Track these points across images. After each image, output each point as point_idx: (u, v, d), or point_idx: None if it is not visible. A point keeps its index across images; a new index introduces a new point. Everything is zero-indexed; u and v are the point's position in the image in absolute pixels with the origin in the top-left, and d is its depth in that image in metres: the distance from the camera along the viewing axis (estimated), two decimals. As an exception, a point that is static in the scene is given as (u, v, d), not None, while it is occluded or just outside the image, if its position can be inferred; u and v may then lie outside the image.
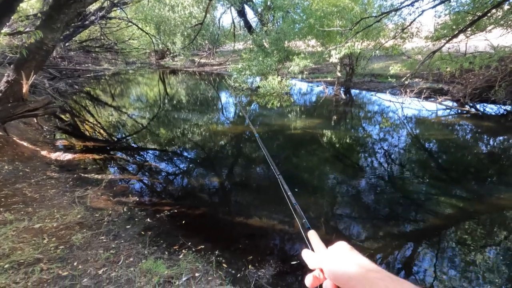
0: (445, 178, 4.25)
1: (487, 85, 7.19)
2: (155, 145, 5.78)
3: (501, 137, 5.69)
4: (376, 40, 9.69)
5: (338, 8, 8.94)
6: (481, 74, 7.28)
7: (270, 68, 10.35)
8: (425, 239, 2.90)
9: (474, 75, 7.45)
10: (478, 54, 7.76)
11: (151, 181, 4.15)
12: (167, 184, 4.09)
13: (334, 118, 7.48)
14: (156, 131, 6.82)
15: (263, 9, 14.74)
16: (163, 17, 16.77)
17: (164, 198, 3.65)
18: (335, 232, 2.99)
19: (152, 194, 3.80)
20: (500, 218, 3.18)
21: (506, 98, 7.13)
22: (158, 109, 9.21)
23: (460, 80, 7.84)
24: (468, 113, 7.12)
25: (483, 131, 6.07)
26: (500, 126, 6.27)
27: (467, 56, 8.07)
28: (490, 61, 6.96)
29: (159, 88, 13.32)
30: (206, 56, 21.69)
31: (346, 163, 4.85)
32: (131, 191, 3.75)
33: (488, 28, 8.35)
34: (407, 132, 6.27)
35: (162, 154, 5.29)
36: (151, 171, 4.49)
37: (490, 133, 5.91)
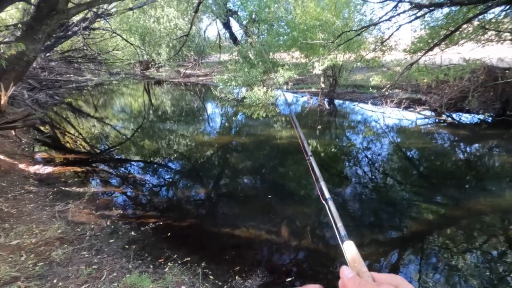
0: (426, 185, 4.40)
1: (461, 95, 7.58)
2: (140, 157, 5.68)
3: (476, 145, 5.97)
4: (357, 52, 10.06)
5: (320, 22, 9.26)
6: (455, 85, 7.68)
7: (255, 79, 10.50)
8: (409, 245, 2.98)
9: (449, 86, 7.84)
10: (452, 66, 8.19)
11: (135, 194, 4.06)
12: (152, 196, 4.02)
13: (319, 128, 7.63)
14: (141, 142, 6.72)
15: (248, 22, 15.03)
16: (148, 29, 16.79)
17: (149, 211, 3.58)
18: (321, 240, 3.02)
19: (137, 206, 3.72)
20: (478, 223, 3.31)
21: (479, 108, 7.53)
22: (143, 120, 9.09)
23: (437, 91, 8.23)
24: (445, 122, 7.44)
25: (459, 139, 6.36)
26: (475, 134, 6.59)
27: (442, 68, 8.50)
28: (463, 73, 7.36)
29: (143, 99, 13.18)
30: (191, 67, 21.73)
31: (332, 172, 4.93)
32: (114, 204, 3.65)
33: (461, 42, 8.87)
34: (389, 140, 6.47)
35: (146, 166, 5.21)
36: (136, 183, 4.41)
37: (466, 141, 6.19)
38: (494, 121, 7.23)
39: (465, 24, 8.02)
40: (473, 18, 7.82)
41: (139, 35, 17.84)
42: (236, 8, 15.95)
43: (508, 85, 6.91)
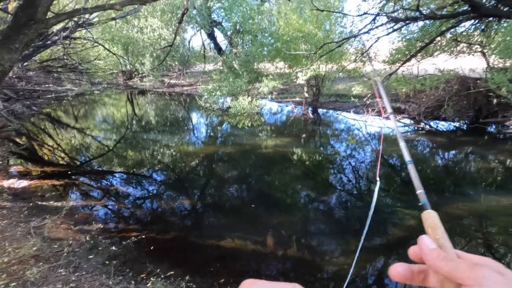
0: (407, 191, 4.51)
1: (438, 104, 7.92)
2: (122, 168, 5.53)
3: (453, 151, 6.22)
4: (339, 63, 10.37)
5: (303, 34, 9.52)
6: (431, 95, 8.02)
7: (240, 89, 10.57)
8: (393, 251, 3.03)
9: (426, 95, 8.18)
10: (428, 76, 8.58)
11: (117, 206, 3.94)
12: (135, 209, 3.91)
13: (303, 136, 7.72)
14: (123, 153, 6.56)
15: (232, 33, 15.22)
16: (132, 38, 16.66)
17: (131, 224, 3.47)
18: (308, 249, 3.02)
19: (118, 220, 3.60)
20: (458, 227, 3.42)
21: (454, 116, 7.89)
22: (126, 130, 8.91)
23: (414, 100, 8.56)
24: (423, 129, 7.73)
25: (437, 146, 6.61)
26: (451, 141, 6.87)
27: (419, 78, 8.87)
28: (438, 83, 7.71)
29: (126, 109, 12.94)
30: (176, 76, 21.63)
31: (317, 180, 4.98)
32: (94, 218, 3.52)
33: (435, 53, 9.35)
34: (372, 148, 6.63)
35: (129, 178, 5.07)
36: (117, 195, 4.27)
37: (443, 148, 6.44)
38: (469, 128, 7.58)
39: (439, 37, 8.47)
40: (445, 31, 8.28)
41: (122, 44, 17.66)
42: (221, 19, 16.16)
43: (480, 94, 7.30)
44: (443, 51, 9.33)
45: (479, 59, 8.49)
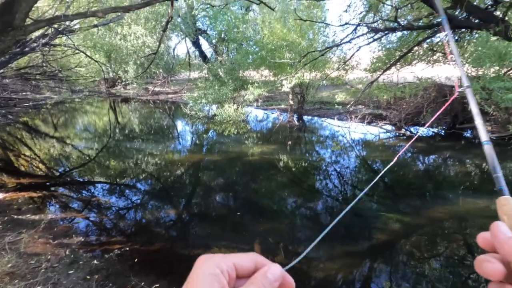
0: (391, 195, 4.63)
1: (417, 110, 8.21)
2: (104, 178, 5.37)
3: (432, 156, 6.45)
4: (322, 71, 10.61)
5: (287, 42, 9.70)
6: (411, 102, 8.32)
7: (226, 96, 10.59)
8: (379, 255, 3.07)
9: (406, 102, 8.48)
10: (407, 84, 8.91)
11: (99, 218, 3.80)
12: (118, 220, 3.79)
13: (289, 143, 7.79)
14: (106, 162, 6.38)
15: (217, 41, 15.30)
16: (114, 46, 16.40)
17: (114, 236, 3.36)
18: (295, 256, 3.01)
19: (100, 232, 3.47)
20: (439, 229, 3.52)
21: (433, 122, 8.20)
22: (108, 139, 8.68)
23: (395, 107, 8.85)
24: (404, 135, 7.98)
25: (418, 151, 6.83)
26: (431, 146, 7.13)
27: (399, 86, 9.21)
28: (417, 90, 8.02)
29: (109, 117, 12.65)
30: (160, 84, 21.41)
31: (303, 186, 5.02)
32: (75, 231, 3.38)
33: (413, 62, 9.76)
34: (356, 154, 6.77)
35: (112, 188, 4.93)
36: (99, 207, 4.14)
37: (423, 153, 6.67)
38: (446, 133, 7.90)
39: (416, 47, 8.86)
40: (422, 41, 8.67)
41: (105, 52, 17.34)
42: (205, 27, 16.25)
43: (455, 101, 7.64)
44: (421, 60, 9.76)
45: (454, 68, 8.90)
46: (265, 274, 0.37)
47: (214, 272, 0.34)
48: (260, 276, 0.36)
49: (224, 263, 0.36)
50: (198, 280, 0.34)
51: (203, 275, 0.34)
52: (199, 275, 0.34)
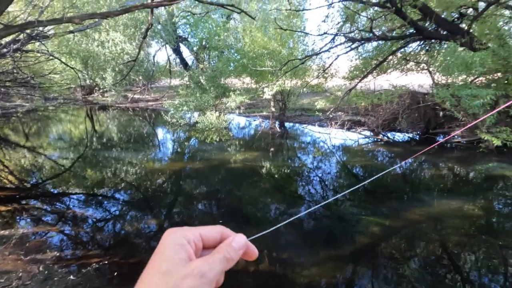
0: (371, 199, 4.75)
1: (393, 117, 8.56)
2: (80, 189, 5.15)
3: (408, 160, 6.71)
4: (303, 79, 10.85)
5: (268, 51, 9.86)
6: (387, 108, 8.67)
7: (207, 104, 10.54)
8: (360, 258, 3.13)
9: (382, 109, 8.82)
10: (383, 91, 9.28)
11: (74, 231, 3.63)
12: (95, 233, 3.63)
13: (271, 150, 7.84)
14: (82, 173, 6.13)
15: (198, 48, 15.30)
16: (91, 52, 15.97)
17: (92, 249, 3.22)
18: (279, 262, 3.02)
19: (76, 246, 3.31)
20: (417, 231, 3.65)
21: (408, 127, 8.57)
22: (85, 148, 8.36)
23: (373, 113, 9.18)
24: (382, 140, 8.27)
25: (395, 155, 7.09)
26: (406, 150, 7.43)
27: (376, 93, 9.57)
28: (392, 97, 8.38)
29: (85, 125, 12.20)
30: (140, 91, 20.98)
31: (286, 192, 5.05)
32: (49, 245, 3.20)
33: (389, 71, 10.21)
34: (336, 160, 6.92)
35: (88, 199, 4.73)
36: (75, 219, 3.95)
37: (400, 157, 6.93)
38: (421, 138, 8.26)
39: (391, 56, 9.28)
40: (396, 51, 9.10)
41: (81, 58, 16.83)
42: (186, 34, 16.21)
43: (428, 108, 8.04)
44: (395, 68, 10.23)
45: (426, 76, 9.40)
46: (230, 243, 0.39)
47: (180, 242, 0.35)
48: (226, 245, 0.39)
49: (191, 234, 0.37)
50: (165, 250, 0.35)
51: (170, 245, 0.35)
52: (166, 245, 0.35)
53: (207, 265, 0.35)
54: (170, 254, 0.34)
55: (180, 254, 0.34)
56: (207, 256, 0.37)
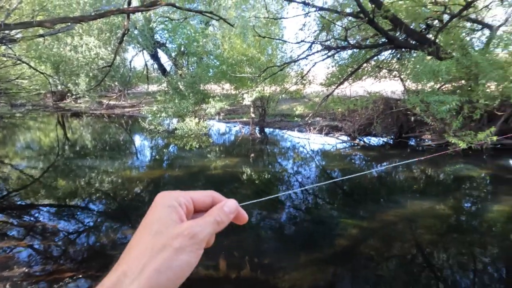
0: (349, 202, 4.88)
1: (368, 122, 8.89)
2: (51, 200, 4.88)
3: (384, 163, 6.98)
4: (281, 85, 11.02)
5: (247, 57, 9.95)
6: (363, 113, 8.99)
7: (186, 110, 10.41)
8: (339, 260, 3.20)
9: (358, 114, 9.13)
10: (359, 97, 9.63)
11: (44, 245, 3.42)
12: (68, 246, 3.45)
13: (252, 156, 7.86)
14: (52, 183, 5.82)
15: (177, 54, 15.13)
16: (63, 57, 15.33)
17: (64, 263, 3.05)
18: (260, 268, 3.01)
19: (47, 260, 3.12)
20: (391, 231, 3.79)
21: (382, 132, 8.93)
22: (56, 157, 7.95)
23: (349, 119, 9.47)
24: (358, 145, 8.55)
25: (371, 159, 7.35)
26: (381, 154, 7.73)
27: (352, 99, 9.90)
28: (367, 103, 8.70)
29: (57, 133, 11.63)
30: (116, 97, 20.34)
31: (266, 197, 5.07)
32: (16, 261, 3.00)
33: (363, 77, 10.61)
34: (316, 164, 7.06)
35: (60, 211, 4.49)
36: (45, 232, 3.73)
37: (375, 161, 7.19)
38: (394, 142, 8.63)
39: (365, 64, 9.66)
40: (370, 59, 9.49)
41: (52, 63, 16.10)
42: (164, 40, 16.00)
43: (400, 113, 8.43)
44: (369, 75, 10.66)
45: (398, 83, 9.87)
46: (221, 207, 0.40)
47: (172, 204, 0.36)
48: (217, 209, 0.39)
49: (182, 197, 0.38)
50: (157, 211, 0.36)
51: (161, 207, 0.36)
52: (157, 207, 0.36)
53: (198, 227, 0.36)
54: (162, 216, 0.35)
55: (171, 215, 0.35)
56: (198, 219, 0.37)
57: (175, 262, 0.33)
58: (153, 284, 0.31)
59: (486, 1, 8.15)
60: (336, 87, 9.65)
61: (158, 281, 0.31)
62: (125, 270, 0.31)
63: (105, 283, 0.31)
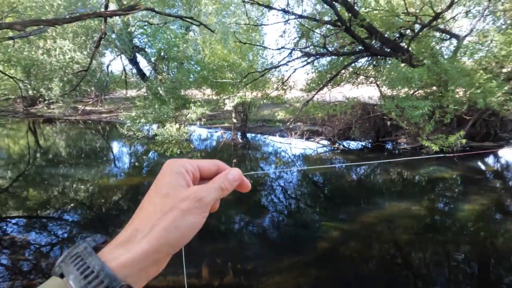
0: (330, 205, 4.97)
1: (347, 126, 9.14)
2: (20, 212, 4.61)
3: (363, 166, 7.18)
4: (263, 90, 11.12)
5: (228, 63, 9.98)
6: (342, 118, 9.23)
7: (167, 115, 10.24)
8: (322, 262, 3.23)
9: (338, 119, 9.37)
10: (338, 103, 9.89)
11: (13, 260, 3.21)
12: (40, 259, 3.25)
13: (234, 161, 7.83)
14: (23, 193, 5.49)
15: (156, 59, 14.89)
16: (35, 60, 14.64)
17: (36, 278, 2.87)
18: (244, 274, 2.99)
19: (16, 276, 2.93)
20: (371, 233, 3.89)
21: (361, 136, 9.21)
22: (26, 165, 7.53)
23: (329, 123, 9.70)
24: (338, 149, 8.75)
25: (350, 162, 7.53)
26: (360, 157, 7.95)
27: (331, 104, 10.15)
28: (346, 108, 8.96)
29: (27, 140, 11.02)
30: (92, 103, 19.61)
31: (249, 203, 5.05)
32: (-20, 278, 2.79)
33: (342, 83, 10.94)
34: (297, 169, 7.14)
35: (31, 222, 4.24)
36: (14, 245, 3.51)
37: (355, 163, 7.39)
38: (372, 146, 8.92)
39: (343, 70, 9.97)
40: (348, 66, 9.79)
41: (22, 67, 15.32)
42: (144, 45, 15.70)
43: (377, 118, 8.74)
44: (348, 81, 11.00)
45: (374, 89, 10.25)
46: (226, 175, 0.43)
47: (179, 170, 0.39)
48: (222, 177, 0.42)
49: (189, 164, 0.41)
50: (165, 176, 0.39)
51: (169, 173, 0.39)
52: (166, 173, 0.39)
53: (204, 191, 0.38)
54: (170, 180, 0.38)
55: (179, 181, 0.38)
56: (204, 184, 0.40)
57: (182, 222, 0.36)
58: (162, 241, 0.34)
59: (453, 12, 8.70)
60: (316, 93, 9.87)
61: (166, 238, 0.34)
62: (137, 227, 0.35)
63: (119, 237, 0.36)
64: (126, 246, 0.34)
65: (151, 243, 0.34)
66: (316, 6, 9.74)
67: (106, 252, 0.34)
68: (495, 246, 3.57)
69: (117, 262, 0.32)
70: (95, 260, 0.32)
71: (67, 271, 0.32)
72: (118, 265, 0.32)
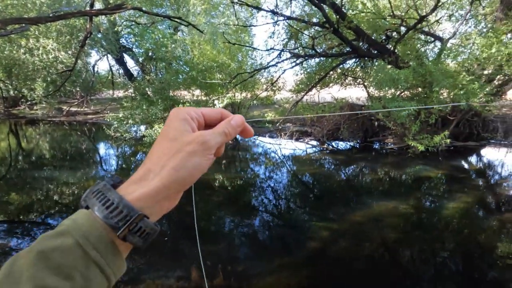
0: (320, 205, 5.00)
1: (336, 127, 9.24)
2: (1, 216, 4.43)
3: (351, 166, 7.28)
4: (252, 91, 11.12)
5: (217, 64, 9.93)
6: (331, 119, 9.33)
7: (155, 116, 10.09)
8: (313, 262, 3.25)
9: (326, 120, 9.46)
10: (327, 103, 10.00)
11: (-6, 267, 3.08)
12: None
13: (223, 162, 7.79)
14: (3, 197, 5.29)
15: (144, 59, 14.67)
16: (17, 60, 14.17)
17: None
18: (234, 276, 2.96)
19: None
20: (360, 232, 3.94)
21: (349, 136, 9.33)
22: (8, 168, 7.27)
23: (318, 124, 9.78)
24: (327, 149, 8.84)
25: (339, 162, 7.62)
26: (349, 158, 8.05)
27: (320, 105, 10.25)
28: (335, 109, 9.06)
29: (9, 142, 10.65)
30: (78, 104, 19.13)
31: (239, 204, 5.03)
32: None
33: (330, 84, 11.07)
34: (287, 169, 7.17)
35: (12, 227, 4.09)
36: (-5, 252, 3.37)
37: (343, 164, 7.47)
38: (361, 146, 9.05)
39: (331, 71, 10.09)
40: (336, 67, 9.92)
41: (3, 66, 14.81)
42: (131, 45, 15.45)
43: (365, 118, 8.88)
44: (336, 83, 11.14)
45: (362, 90, 10.42)
46: (229, 121, 0.45)
47: (184, 117, 0.42)
48: (225, 123, 0.45)
49: (194, 112, 0.44)
50: (172, 123, 0.42)
51: (176, 120, 0.42)
52: (173, 119, 0.42)
53: (208, 135, 0.41)
54: (177, 126, 0.41)
55: (185, 126, 0.42)
56: (209, 130, 0.43)
57: (188, 162, 0.39)
58: (171, 178, 0.38)
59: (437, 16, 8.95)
60: (305, 94, 9.95)
61: (176, 176, 0.39)
62: (149, 167, 0.39)
63: (134, 177, 0.40)
64: (140, 183, 0.39)
65: (162, 180, 0.38)
66: (304, 8, 9.82)
67: (123, 188, 0.39)
68: (479, 242, 3.67)
69: (133, 196, 0.37)
70: (114, 194, 0.37)
71: (91, 203, 0.38)
72: (134, 198, 0.37)
